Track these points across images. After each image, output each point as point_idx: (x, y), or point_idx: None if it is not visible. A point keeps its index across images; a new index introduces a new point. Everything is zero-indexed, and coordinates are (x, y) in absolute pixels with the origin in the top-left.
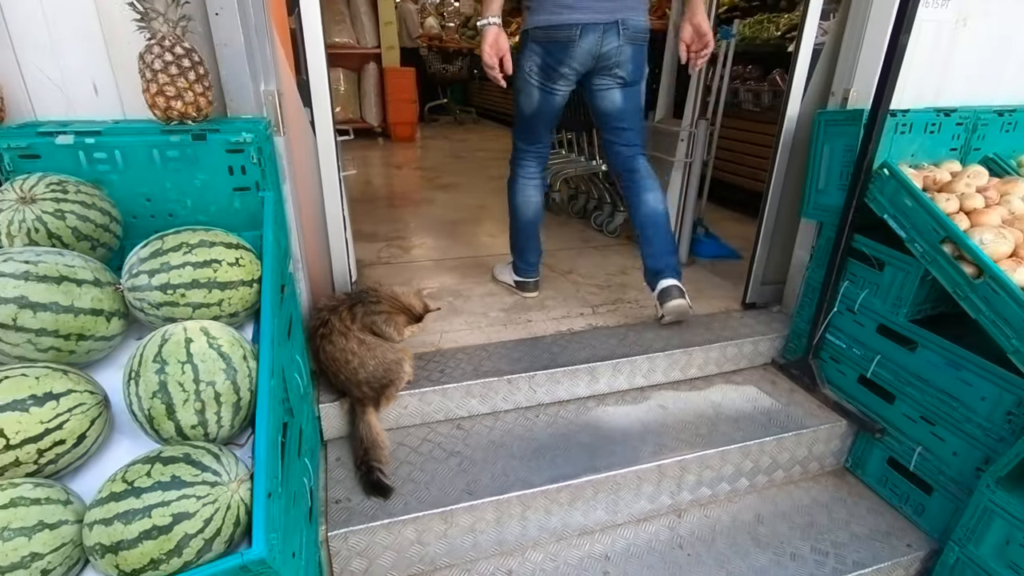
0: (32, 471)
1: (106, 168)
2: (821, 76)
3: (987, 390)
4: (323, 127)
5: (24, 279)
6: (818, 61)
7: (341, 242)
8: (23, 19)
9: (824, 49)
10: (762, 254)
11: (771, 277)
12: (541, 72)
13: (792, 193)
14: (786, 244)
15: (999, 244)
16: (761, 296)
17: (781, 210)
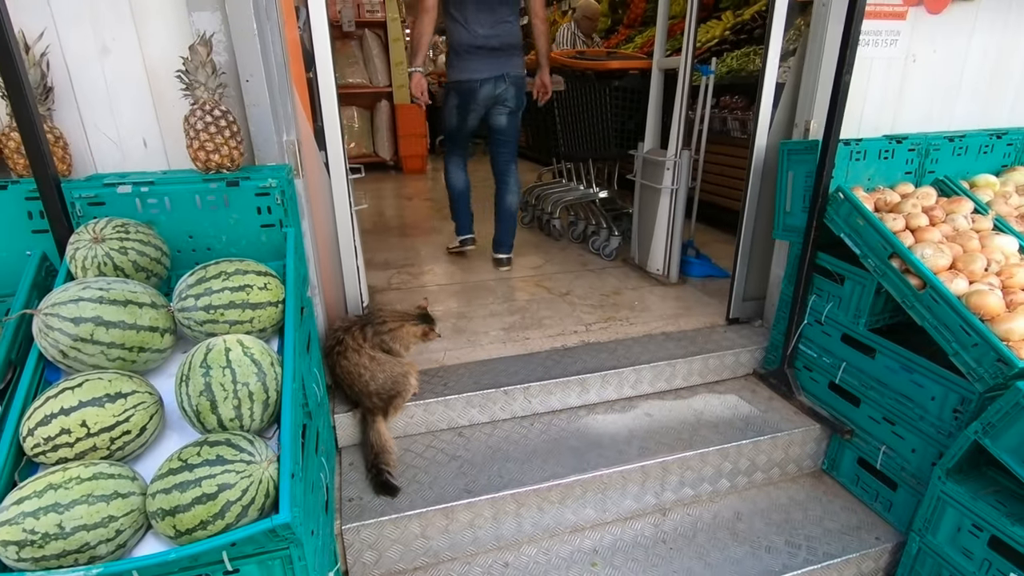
0: (105, 455)
1: (157, 211)
2: (786, 109)
3: (936, 390)
4: (336, 170)
5: (99, 302)
6: (782, 96)
7: (353, 270)
8: (88, 87)
9: (787, 85)
10: (741, 272)
11: (752, 293)
12: (458, 109)
13: (766, 216)
14: (764, 263)
15: (938, 258)
16: (743, 311)
17: (756, 232)
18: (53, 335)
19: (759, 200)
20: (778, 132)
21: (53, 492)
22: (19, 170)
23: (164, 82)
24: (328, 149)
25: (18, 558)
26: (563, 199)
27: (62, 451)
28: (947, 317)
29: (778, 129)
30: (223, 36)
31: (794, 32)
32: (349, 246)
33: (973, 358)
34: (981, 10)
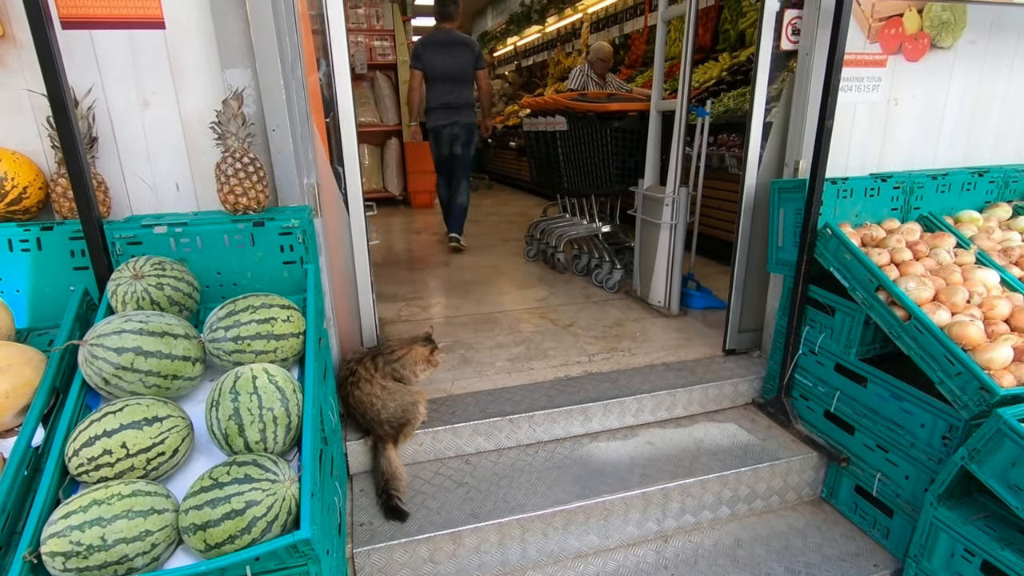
0: (141, 475)
1: (189, 249)
2: (776, 149)
3: (925, 418)
4: (355, 208)
5: (140, 334)
6: (770, 136)
7: (369, 303)
8: (129, 136)
9: (776, 126)
10: (736, 305)
11: (748, 325)
12: (434, 143)
13: (758, 250)
14: (759, 295)
15: (922, 290)
16: (740, 343)
17: (750, 265)
18: (98, 364)
19: (751, 235)
20: (769, 171)
21: (97, 507)
22: (64, 212)
23: (197, 131)
24: (349, 194)
25: (64, 568)
26: (567, 233)
27: (103, 470)
28: (931, 347)
29: (769, 168)
30: (252, 90)
31: (783, 75)
32: (366, 281)
33: (957, 386)
34: (957, 59)
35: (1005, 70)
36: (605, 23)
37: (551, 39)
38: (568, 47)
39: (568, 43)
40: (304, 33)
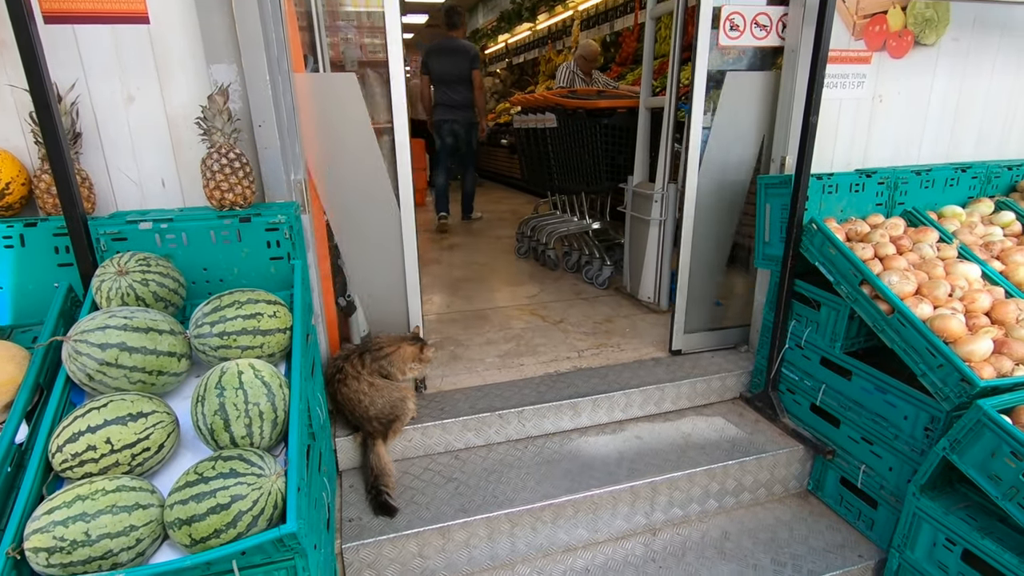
0: (126, 470)
1: (175, 245)
2: (766, 145)
3: (908, 410)
4: (406, 204)
5: (124, 330)
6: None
7: (417, 298)
8: (114, 132)
9: (764, 122)
10: (680, 305)
11: (696, 325)
12: (438, 137)
13: (706, 250)
14: (708, 295)
15: (904, 284)
16: (687, 343)
17: (697, 266)
18: (81, 360)
19: (692, 237)
20: (710, 170)
21: (81, 503)
22: (48, 208)
23: (182, 128)
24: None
25: (47, 564)
26: (557, 230)
27: (88, 466)
28: (914, 340)
29: (710, 167)
30: (238, 86)
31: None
32: (415, 273)
33: (939, 378)
34: (941, 56)
35: (987, 67)
36: (596, 20)
37: (542, 36)
38: (559, 44)
39: (559, 40)
40: (290, 29)
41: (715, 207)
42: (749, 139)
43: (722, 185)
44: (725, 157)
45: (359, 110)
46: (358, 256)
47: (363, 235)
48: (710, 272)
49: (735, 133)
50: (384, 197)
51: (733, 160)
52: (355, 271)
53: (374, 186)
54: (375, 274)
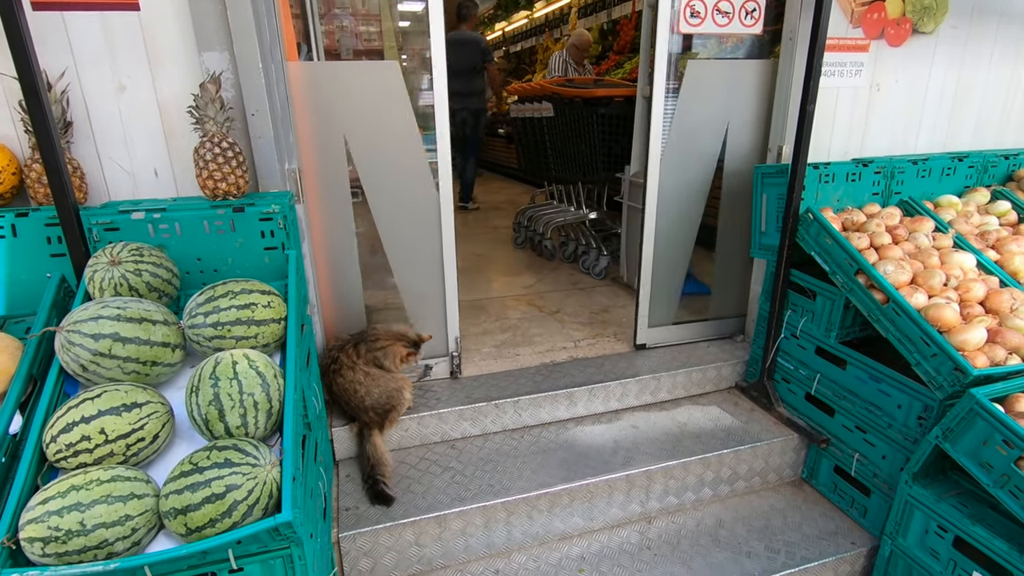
0: (121, 461)
1: (168, 235)
2: (761, 134)
3: (901, 399)
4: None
5: (117, 320)
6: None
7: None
8: (105, 121)
9: (761, 111)
10: (644, 298)
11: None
12: None
13: (671, 243)
14: (671, 288)
15: (900, 274)
16: (651, 338)
17: (660, 261)
18: (75, 350)
19: (656, 223)
20: (750, 158)
21: (76, 493)
22: (39, 198)
23: (174, 117)
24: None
25: (43, 553)
26: (554, 220)
27: (82, 456)
28: (908, 329)
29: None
30: (231, 74)
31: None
32: (452, 265)
33: (933, 367)
34: (939, 44)
35: (986, 55)
36: (593, 8)
37: (539, 24)
38: (556, 33)
39: (556, 29)
40: (283, 16)
41: (679, 198)
42: (714, 127)
43: (686, 174)
44: (688, 145)
45: (402, 96)
46: (396, 240)
47: (402, 217)
48: (676, 264)
49: (698, 121)
50: (424, 181)
51: (695, 149)
52: (395, 257)
53: (415, 172)
54: (414, 256)
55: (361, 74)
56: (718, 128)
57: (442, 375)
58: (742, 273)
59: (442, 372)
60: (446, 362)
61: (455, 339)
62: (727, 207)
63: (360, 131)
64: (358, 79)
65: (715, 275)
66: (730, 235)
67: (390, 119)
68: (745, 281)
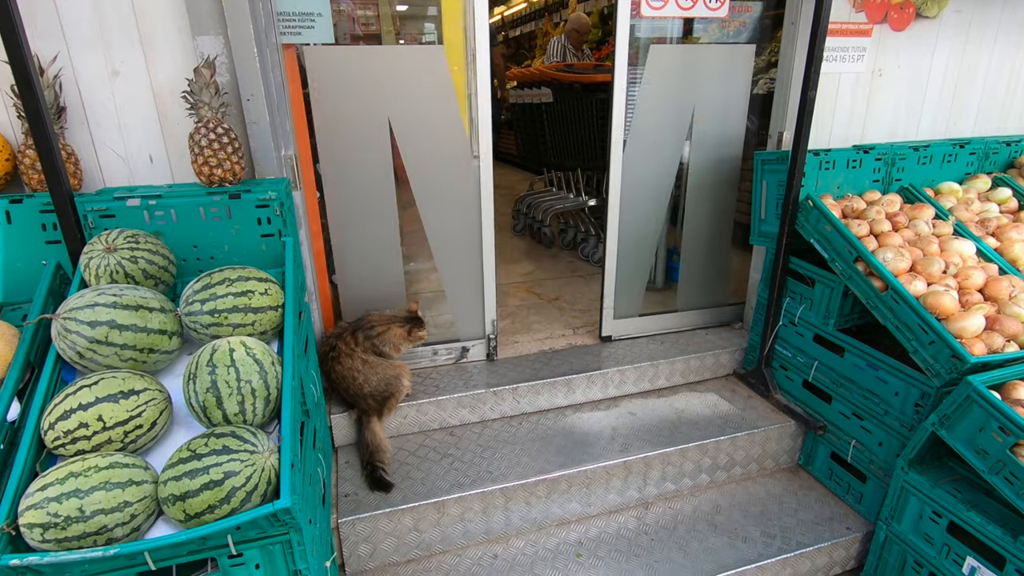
0: (119, 447)
1: (164, 222)
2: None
3: (898, 386)
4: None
5: (113, 307)
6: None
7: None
8: (99, 107)
9: (762, 97)
10: (609, 290)
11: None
12: None
13: (637, 234)
14: (639, 278)
15: (899, 261)
16: (616, 329)
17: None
18: (71, 337)
19: (619, 215)
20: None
21: (74, 479)
22: (34, 185)
23: (169, 102)
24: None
25: (42, 539)
26: (554, 207)
27: (80, 443)
28: (906, 316)
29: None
30: (225, 58)
31: (772, 46)
32: (490, 249)
33: (930, 355)
34: (942, 28)
35: (989, 40)
36: None
37: (538, 9)
38: (556, 17)
39: (556, 13)
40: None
41: (647, 185)
42: (678, 114)
43: (651, 161)
44: (651, 133)
45: (446, 80)
46: (438, 223)
47: (443, 201)
48: (646, 255)
49: (661, 108)
50: (466, 165)
51: (659, 138)
52: (436, 240)
53: (457, 156)
54: (454, 239)
55: (407, 58)
56: (683, 115)
57: (478, 357)
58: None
59: (478, 355)
60: (482, 344)
61: (491, 322)
62: (693, 195)
63: (405, 115)
64: (404, 63)
65: (681, 264)
66: (697, 224)
67: (434, 103)
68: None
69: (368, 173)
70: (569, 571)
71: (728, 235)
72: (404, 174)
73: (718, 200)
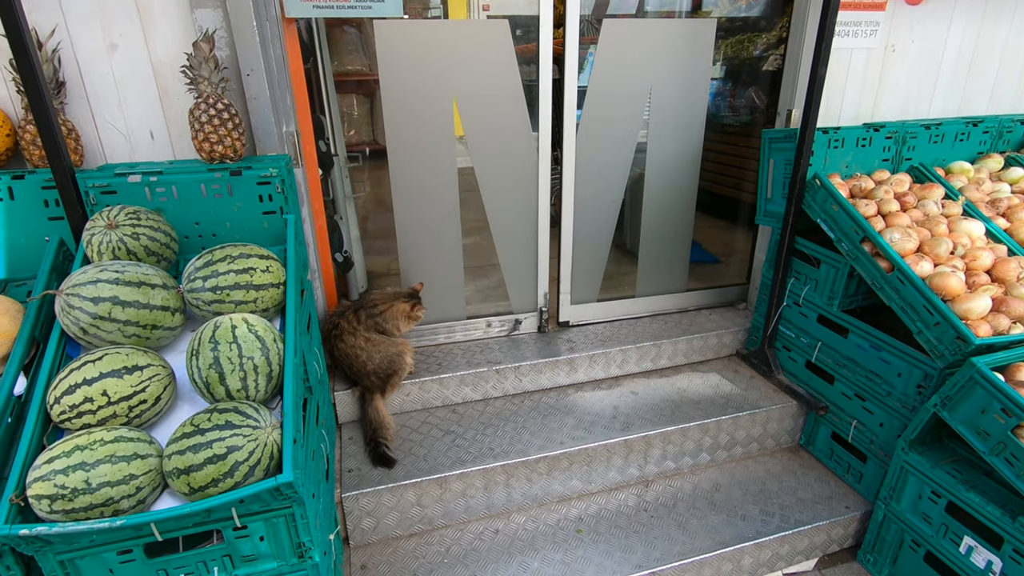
0: (124, 422)
1: (165, 199)
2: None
3: (901, 367)
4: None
5: (116, 283)
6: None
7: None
8: (98, 81)
9: (770, 73)
10: (566, 278)
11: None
12: None
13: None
14: (596, 264)
15: (906, 242)
16: (574, 315)
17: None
18: (75, 313)
19: (574, 198)
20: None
21: (80, 452)
22: (35, 161)
23: (169, 77)
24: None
25: (50, 510)
26: (557, 187)
27: (85, 417)
28: (912, 297)
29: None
30: (224, 32)
31: (783, 21)
32: (546, 223)
33: (935, 336)
34: (959, 1)
35: (1007, 14)
36: None
37: None
38: None
39: None
40: None
41: (600, 171)
42: (635, 94)
43: (604, 143)
44: (605, 113)
45: (510, 55)
46: (496, 197)
47: (502, 175)
48: (600, 240)
49: (616, 86)
50: (525, 139)
51: (613, 117)
52: (494, 213)
53: (517, 130)
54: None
55: (473, 32)
56: (639, 94)
57: (530, 329)
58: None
59: (530, 327)
60: (534, 317)
61: (544, 295)
62: (652, 178)
63: (469, 88)
64: (470, 36)
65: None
66: (657, 208)
67: (499, 77)
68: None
69: (431, 148)
70: (569, 546)
71: (689, 217)
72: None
73: (681, 184)
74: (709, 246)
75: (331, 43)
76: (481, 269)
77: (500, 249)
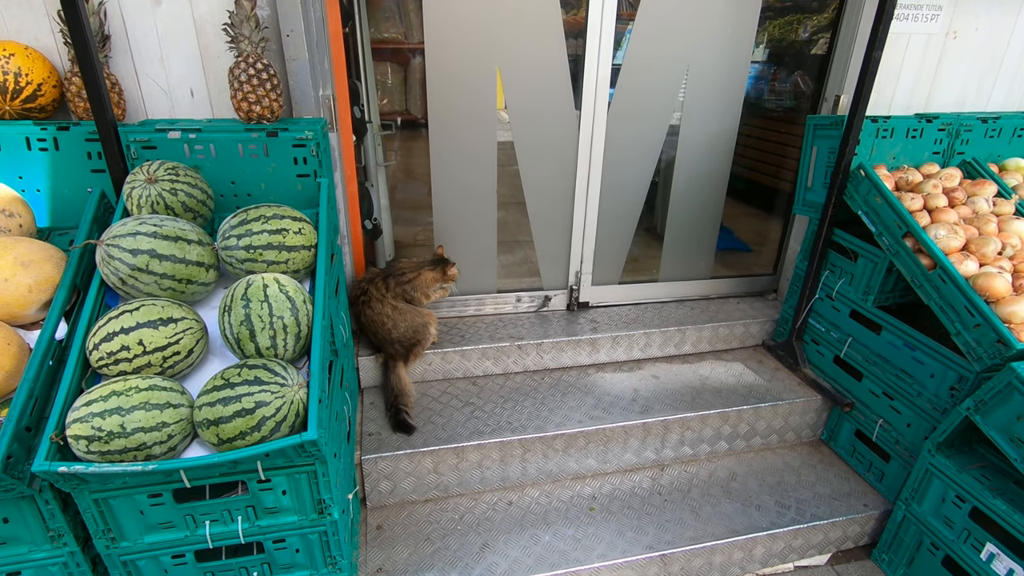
0: (158, 372)
1: (203, 157)
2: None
3: (935, 368)
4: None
5: (154, 237)
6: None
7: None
8: (142, 37)
9: (818, 57)
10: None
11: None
12: None
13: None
14: (619, 252)
15: (951, 239)
16: (597, 296)
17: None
18: (114, 263)
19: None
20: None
21: (116, 397)
22: (79, 113)
23: (210, 35)
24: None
25: (87, 451)
26: None
27: (122, 365)
28: (953, 297)
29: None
30: None
31: (835, 2)
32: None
33: (974, 338)
34: None
35: None
36: None
37: None
38: None
39: None
40: None
41: (630, 151)
42: (672, 71)
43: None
44: (639, 91)
45: (557, 26)
46: (534, 173)
47: (541, 150)
48: (627, 223)
49: (651, 63)
50: (566, 115)
51: (647, 97)
52: (531, 189)
53: (559, 105)
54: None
55: (520, 2)
56: (676, 74)
57: (559, 307)
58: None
59: (559, 304)
60: (564, 295)
61: (575, 273)
62: (683, 161)
63: (513, 60)
64: (516, 7)
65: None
66: (686, 192)
67: (543, 52)
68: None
69: (473, 118)
70: (581, 523)
71: (719, 203)
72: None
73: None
74: (741, 234)
75: (370, 9)
76: (513, 244)
77: (534, 225)
